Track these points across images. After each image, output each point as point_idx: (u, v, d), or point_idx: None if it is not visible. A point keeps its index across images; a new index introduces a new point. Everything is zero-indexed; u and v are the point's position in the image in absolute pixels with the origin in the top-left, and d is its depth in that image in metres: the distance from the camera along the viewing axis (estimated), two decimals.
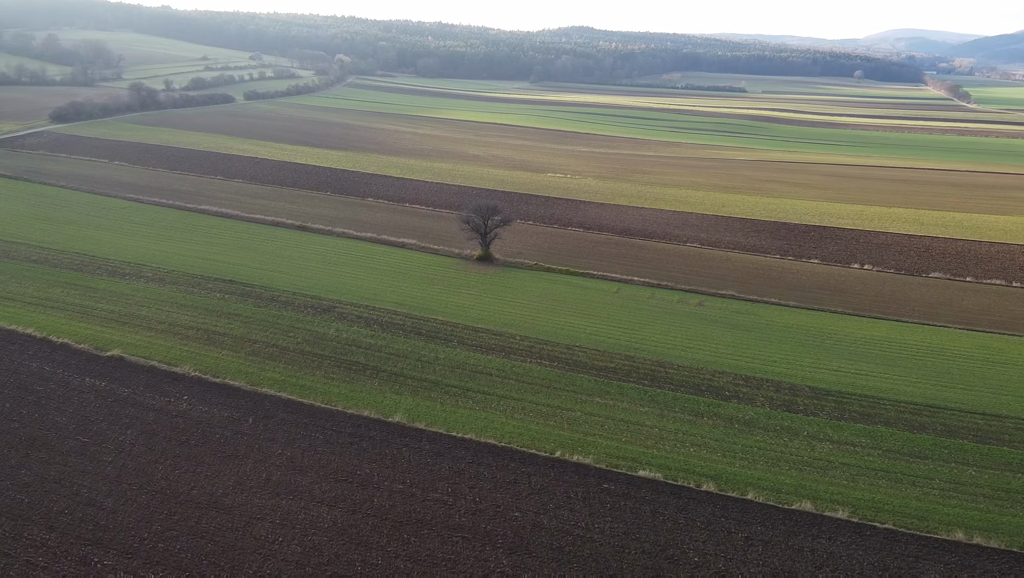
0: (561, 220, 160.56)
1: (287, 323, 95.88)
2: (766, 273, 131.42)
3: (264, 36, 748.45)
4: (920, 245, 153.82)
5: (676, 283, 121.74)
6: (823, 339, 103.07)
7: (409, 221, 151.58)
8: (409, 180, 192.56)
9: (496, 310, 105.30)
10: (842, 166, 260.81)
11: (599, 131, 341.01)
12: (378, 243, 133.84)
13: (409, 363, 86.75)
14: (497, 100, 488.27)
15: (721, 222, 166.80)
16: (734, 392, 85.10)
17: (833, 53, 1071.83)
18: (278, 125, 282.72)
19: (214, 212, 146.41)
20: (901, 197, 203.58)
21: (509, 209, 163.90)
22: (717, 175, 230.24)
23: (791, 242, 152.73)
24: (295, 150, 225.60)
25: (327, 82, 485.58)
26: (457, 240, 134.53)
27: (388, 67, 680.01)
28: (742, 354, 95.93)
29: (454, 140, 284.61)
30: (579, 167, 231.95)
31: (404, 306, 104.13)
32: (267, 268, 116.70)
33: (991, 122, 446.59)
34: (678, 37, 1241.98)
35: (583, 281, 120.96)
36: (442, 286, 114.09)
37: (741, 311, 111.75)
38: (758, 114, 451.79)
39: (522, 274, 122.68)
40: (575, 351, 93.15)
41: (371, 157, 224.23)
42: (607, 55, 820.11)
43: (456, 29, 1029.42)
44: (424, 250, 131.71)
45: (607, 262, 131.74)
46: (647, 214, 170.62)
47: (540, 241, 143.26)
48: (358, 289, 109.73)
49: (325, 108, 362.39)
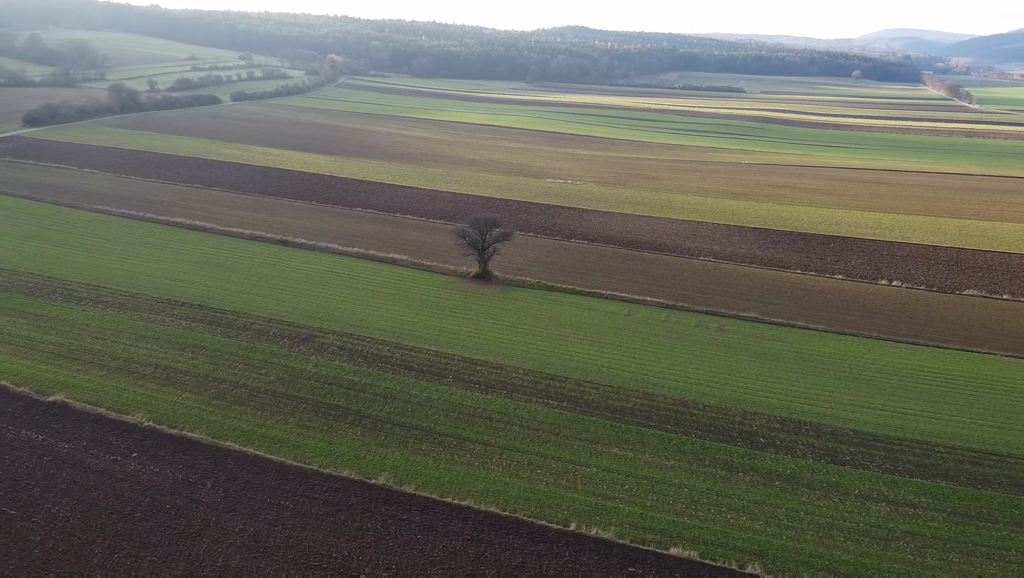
0: (563, 231, 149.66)
1: (260, 357, 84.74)
2: (789, 291, 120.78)
3: (254, 35, 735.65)
4: (947, 258, 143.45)
5: (692, 304, 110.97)
6: (860, 369, 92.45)
7: (400, 233, 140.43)
8: (400, 187, 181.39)
9: (496, 338, 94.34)
10: (853, 169, 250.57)
11: (598, 133, 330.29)
12: (366, 259, 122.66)
13: (397, 406, 75.72)
14: (492, 101, 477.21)
15: (734, 232, 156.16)
16: (770, 438, 74.36)
17: (831, 53, 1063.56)
18: (264, 128, 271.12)
19: (188, 225, 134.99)
20: (919, 204, 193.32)
21: (508, 219, 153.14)
22: (725, 180, 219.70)
23: (811, 255, 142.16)
24: (280, 155, 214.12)
25: (318, 82, 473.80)
26: (452, 255, 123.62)
27: (381, 67, 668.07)
28: (774, 390, 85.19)
29: (448, 143, 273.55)
30: (580, 171, 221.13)
31: (393, 334, 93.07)
32: (242, 290, 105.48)
33: (997, 123, 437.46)
34: (674, 37, 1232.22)
35: (591, 302, 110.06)
36: (435, 309, 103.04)
37: (766, 337, 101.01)
38: (760, 115, 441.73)
39: (524, 294, 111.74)
40: (586, 388, 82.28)
41: (361, 162, 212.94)
42: (603, 55, 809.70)
43: (450, 29, 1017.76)
44: (416, 267, 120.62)
45: (615, 279, 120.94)
46: (655, 224, 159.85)
47: (542, 255, 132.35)
48: (342, 314, 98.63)
49: (315, 109, 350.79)
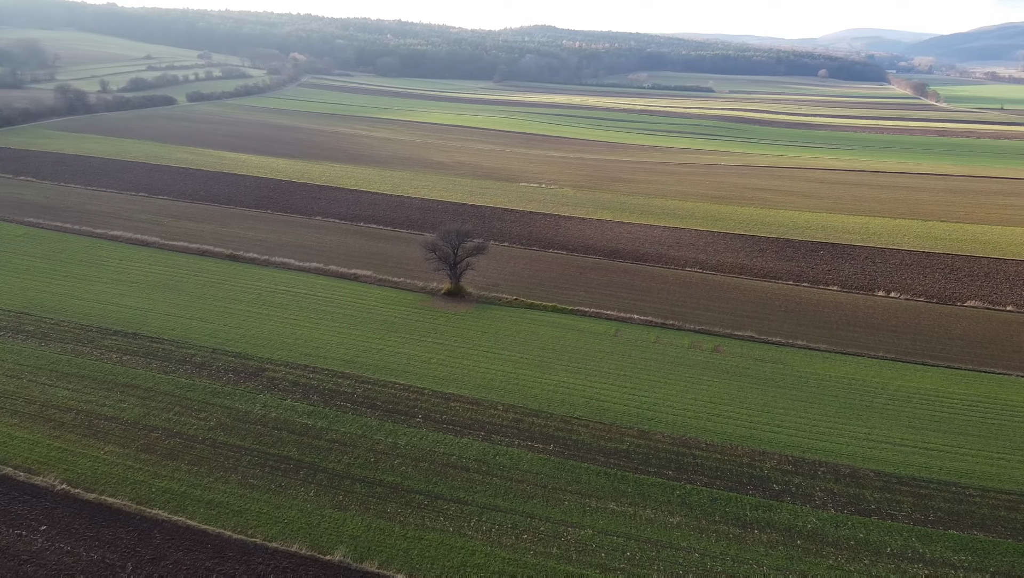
0: (540, 240, 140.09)
1: (199, 397, 73.84)
2: (783, 304, 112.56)
3: (214, 34, 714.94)
4: (943, 265, 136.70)
5: (683, 321, 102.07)
6: (871, 396, 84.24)
7: (364, 245, 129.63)
8: (365, 193, 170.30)
9: (471, 367, 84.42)
10: (831, 171, 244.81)
11: (571, 134, 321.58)
12: (325, 275, 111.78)
13: (358, 455, 65.48)
14: (461, 100, 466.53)
15: (718, 239, 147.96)
16: (784, 484, 65.55)
17: (796, 52, 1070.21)
18: (220, 129, 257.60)
19: (128, 239, 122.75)
20: (904, 207, 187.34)
21: (481, 228, 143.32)
22: (703, 183, 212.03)
23: (801, 264, 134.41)
24: (235, 159, 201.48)
25: (279, 82, 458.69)
26: (421, 269, 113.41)
27: (346, 66, 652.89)
28: (781, 423, 76.47)
29: (416, 144, 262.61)
30: (554, 175, 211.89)
31: (354, 365, 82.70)
32: (184, 314, 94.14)
33: (967, 122, 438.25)
34: (641, 36, 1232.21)
35: (574, 321, 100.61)
36: (403, 334, 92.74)
37: (766, 358, 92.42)
38: (732, 115, 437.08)
39: (500, 313, 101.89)
40: (574, 426, 72.77)
41: (322, 166, 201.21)
42: (572, 54, 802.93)
43: (417, 27, 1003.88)
44: (381, 284, 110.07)
45: (599, 294, 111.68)
46: (636, 231, 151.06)
47: (519, 267, 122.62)
48: (296, 342, 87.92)
49: (275, 110, 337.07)
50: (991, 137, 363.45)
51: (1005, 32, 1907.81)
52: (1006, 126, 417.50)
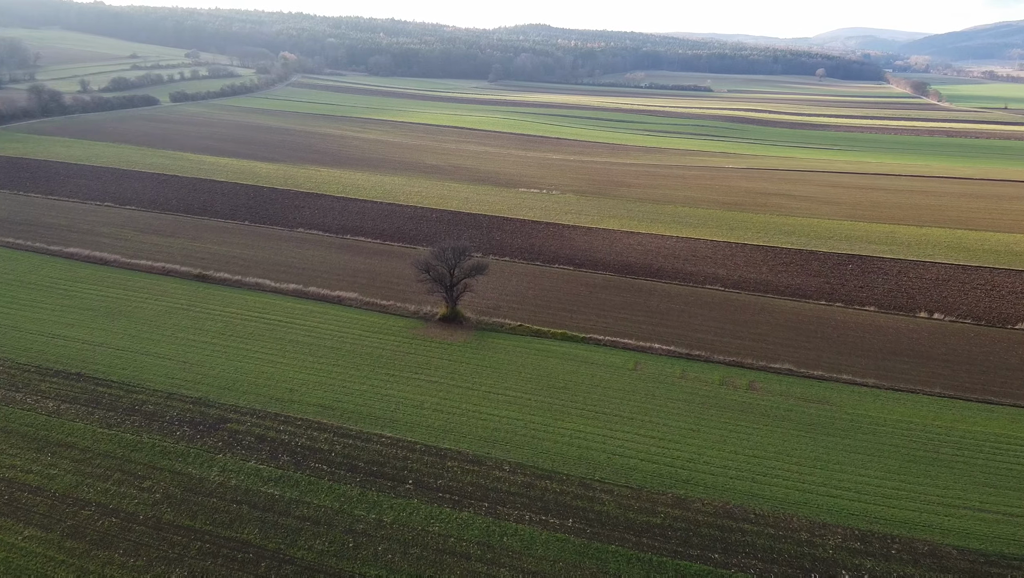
0: (544, 253, 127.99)
1: (146, 458, 61.53)
2: (819, 329, 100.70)
3: (202, 32, 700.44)
4: (981, 281, 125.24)
5: (711, 351, 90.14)
6: (936, 445, 72.44)
7: (349, 261, 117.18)
8: (353, 201, 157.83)
9: (471, 412, 72.26)
10: (843, 174, 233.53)
11: (570, 135, 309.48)
12: (304, 298, 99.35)
13: (334, 539, 53.28)
14: (455, 100, 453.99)
15: (737, 251, 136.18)
16: (854, 569, 53.69)
17: (793, 52, 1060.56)
18: (202, 132, 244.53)
19: (85, 257, 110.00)
20: (927, 213, 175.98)
21: (479, 240, 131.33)
22: (711, 187, 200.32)
23: (831, 279, 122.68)
24: (215, 163, 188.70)
25: (268, 81, 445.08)
26: (413, 290, 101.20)
27: (337, 65, 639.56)
28: (839, 482, 64.62)
29: (408, 147, 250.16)
30: (554, 179, 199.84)
31: (333, 412, 70.48)
32: (139, 349, 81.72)
33: (974, 121, 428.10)
34: (636, 36, 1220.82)
35: (587, 351, 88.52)
36: (391, 370, 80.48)
37: (808, 397, 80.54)
38: (734, 115, 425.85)
39: (503, 342, 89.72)
40: (596, 492, 60.75)
41: (308, 171, 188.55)
42: (567, 53, 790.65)
43: (409, 26, 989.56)
44: (368, 308, 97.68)
45: (613, 318, 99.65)
46: (647, 242, 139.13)
47: (522, 286, 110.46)
48: (267, 383, 75.61)
49: (262, 110, 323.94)
50: (1001, 137, 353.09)
51: (999, 31, 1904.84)
52: (1013, 126, 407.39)
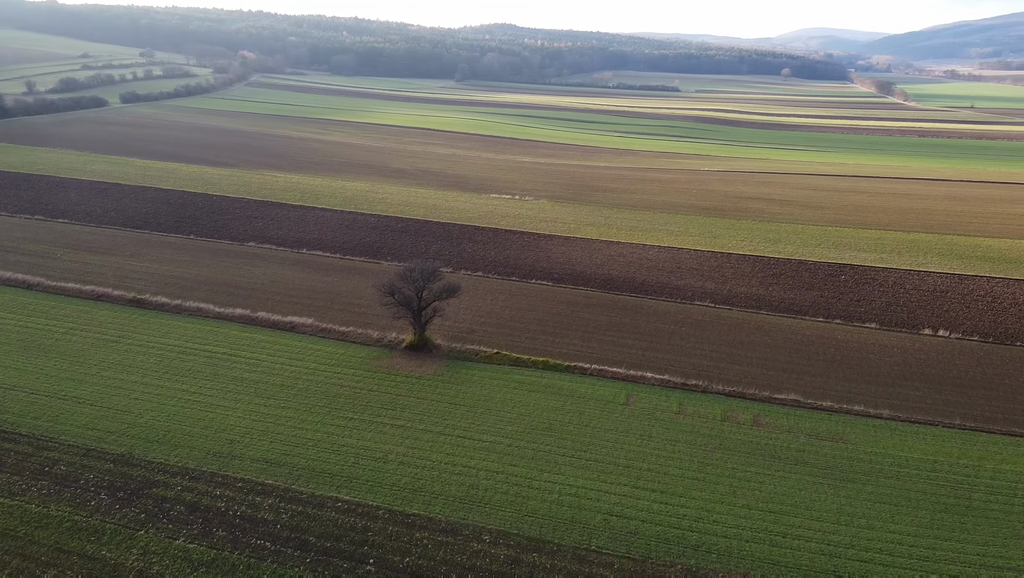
0: (520, 267, 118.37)
1: (52, 538, 50.74)
2: (821, 351, 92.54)
3: (159, 31, 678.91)
4: (981, 292, 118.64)
5: (708, 380, 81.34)
6: (967, 490, 64.43)
7: (306, 280, 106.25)
8: (311, 210, 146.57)
9: (443, 465, 62.40)
10: (821, 176, 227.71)
11: (540, 136, 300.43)
12: (253, 325, 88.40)
13: None
14: (421, 100, 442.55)
15: (723, 262, 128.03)
16: None
17: (759, 52, 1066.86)
18: (152, 134, 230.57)
19: (3, 281, 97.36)
20: (913, 218, 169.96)
21: (449, 252, 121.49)
22: (689, 192, 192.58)
23: (825, 293, 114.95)
24: (163, 169, 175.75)
25: (226, 81, 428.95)
26: (376, 313, 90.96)
27: (299, 64, 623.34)
28: (869, 543, 56.16)
29: (372, 149, 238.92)
30: (527, 184, 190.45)
31: (280, 469, 60.14)
32: (57, 392, 70.35)
33: (944, 121, 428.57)
34: (603, 35, 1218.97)
35: (572, 383, 79.10)
36: (350, 412, 70.21)
37: (821, 434, 72.06)
38: (703, 115, 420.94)
39: (478, 373, 79.90)
40: (594, 567, 51.38)
41: (264, 176, 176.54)
42: (535, 53, 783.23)
43: (374, 25, 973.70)
44: (325, 335, 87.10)
45: (598, 341, 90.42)
46: (628, 252, 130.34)
47: (497, 306, 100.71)
48: (204, 431, 64.92)
49: (218, 112, 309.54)
50: (972, 137, 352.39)
51: (958, 31, 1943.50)
52: (983, 125, 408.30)
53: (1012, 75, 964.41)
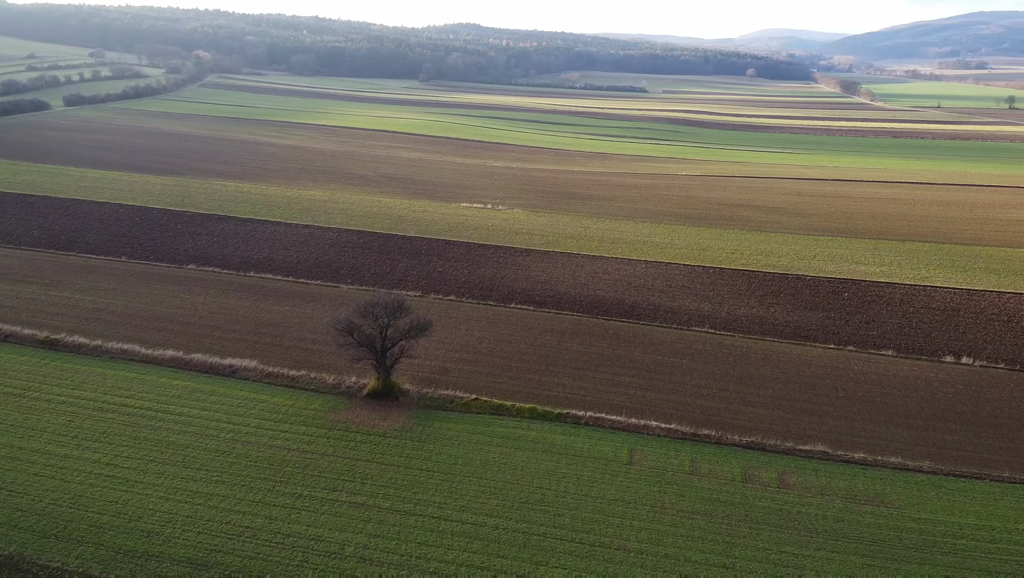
0: (498, 289, 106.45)
1: None
2: (838, 385, 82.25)
3: (110, 30, 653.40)
4: (996, 310, 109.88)
5: (722, 428, 70.40)
6: None
7: (251, 310, 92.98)
8: (262, 224, 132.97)
9: (413, 558, 50.30)
10: (803, 180, 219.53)
11: (510, 139, 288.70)
12: (186, 370, 75.14)
13: None
14: (384, 101, 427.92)
15: (716, 279, 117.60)
16: None
17: (724, 52, 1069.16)
18: (93, 140, 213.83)
19: None
20: (906, 224, 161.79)
21: (418, 273, 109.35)
22: (669, 198, 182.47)
23: (831, 314, 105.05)
24: (100, 179, 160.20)
25: (178, 82, 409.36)
26: (332, 350, 78.26)
27: (257, 64, 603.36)
28: None
29: (332, 154, 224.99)
30: (499, 191, 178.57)
31: (210, 571, 47.48)
32: None
33: (913, 121, 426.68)
34: (568, 36, 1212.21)
35: (565, 435, 67.48)
36: (298, 487, 57.63)
37: (859, 496, 61.41)
38: (673, 116, 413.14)
39: (454, 428, 67.83)
40: None
41: (211, 185, 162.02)
42: (500, 53, 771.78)
43: (335, 24, 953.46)
44: (271, 381, 74.23)
45: (591, 380, 78.98)
46: (614, 269, 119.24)
47: (473, 337, 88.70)
48: (115, 519, 51.97)
49: (167, 114, 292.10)
50: (945, 137, 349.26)
51: (916, 31, 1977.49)
52: (952, 125, 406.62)
53: (972, 74, 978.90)
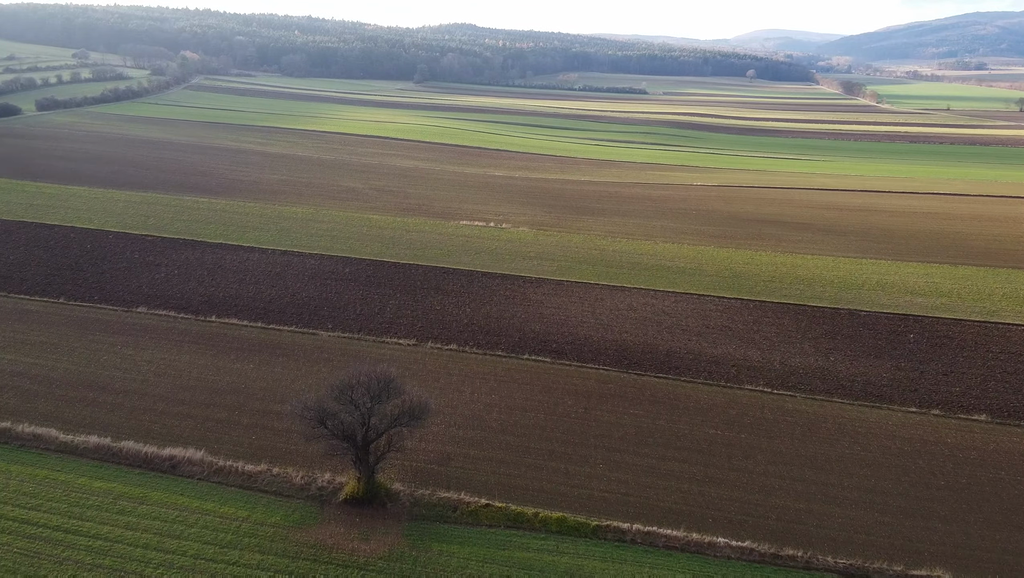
0: (507, 333, 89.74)
1: None
2: (936, 468, 65.96)
3: (95, 30, 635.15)
4: None
5: (809, 546, 54.03)
6: None
7: (208, 371, 75.85)
8: (235, 250, 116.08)
9: None
10: (830, 191, 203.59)
11: (510, 145, 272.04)
12: (113, 465, 58.08)
13: None
14: (378, 104, 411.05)
15: (759, 316, 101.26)
16: None
17: (722, 53, 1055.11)
18: (60, 149, 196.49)
19: None
20: (952, 244, 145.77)
21: (412, 312, 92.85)
22: (688, 214, 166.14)
23: (900, 361, 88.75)
24: (56, 196, 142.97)
25: (163, 84, 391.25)
26: (302, 429, 61.44)
27: (247, 65, 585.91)
28: None
29: (320, 163, 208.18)
30: (502, 206, 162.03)
31: None
32: None
33: (927, 124, 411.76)
34: (564, 36, 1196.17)
35: (607, 562, 51.00)
36: None
37: None
38: (679, 120, 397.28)
39: (460, 551, 51.21)
40: None
41: (182, 202, 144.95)
42: (496, 53, 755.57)
43: (327, 24, 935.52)
44: (221, 481, 57.24)
45: (630, 467, 62.44)
46: (639, 304, 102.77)
47: (480, 406, 71.95)
48: None
49: (147, 119, 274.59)
50: (963, 142, 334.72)
51: (913, 31, 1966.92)
52: (967, 129, 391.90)
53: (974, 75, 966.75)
